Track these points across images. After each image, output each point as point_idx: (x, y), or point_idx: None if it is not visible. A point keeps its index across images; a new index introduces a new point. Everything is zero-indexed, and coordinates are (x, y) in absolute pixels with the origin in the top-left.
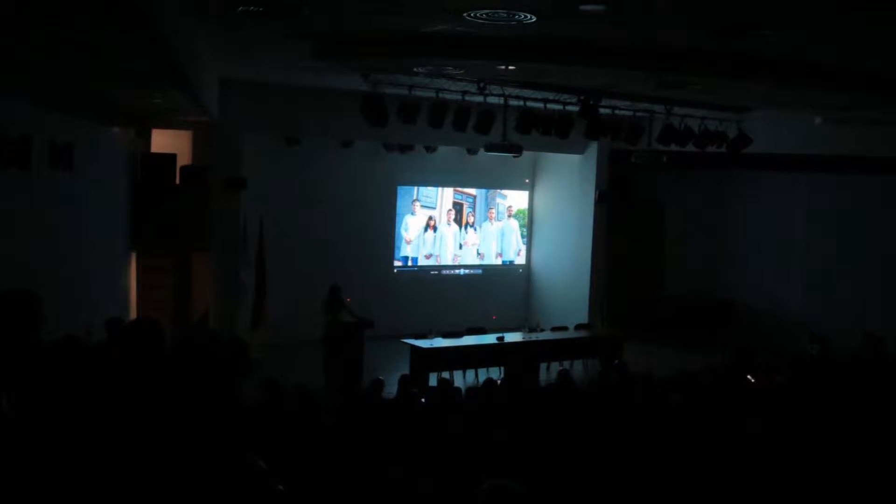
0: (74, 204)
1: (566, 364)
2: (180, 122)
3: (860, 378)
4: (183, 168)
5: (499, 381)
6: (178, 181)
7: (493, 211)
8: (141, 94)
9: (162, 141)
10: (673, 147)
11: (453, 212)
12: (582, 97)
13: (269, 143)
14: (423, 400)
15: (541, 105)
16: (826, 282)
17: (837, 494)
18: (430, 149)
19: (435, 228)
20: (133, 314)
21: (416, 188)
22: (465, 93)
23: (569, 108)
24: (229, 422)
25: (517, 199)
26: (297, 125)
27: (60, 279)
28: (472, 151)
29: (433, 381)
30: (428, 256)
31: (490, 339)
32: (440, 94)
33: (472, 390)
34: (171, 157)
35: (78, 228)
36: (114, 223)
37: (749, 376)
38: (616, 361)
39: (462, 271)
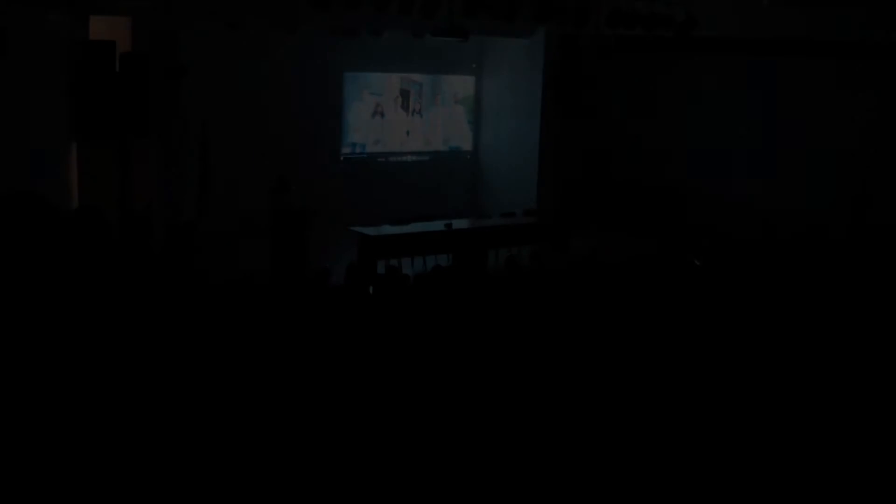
0: (9, 91)
1: (514, 250)
2: (119, 7)
3: (805, 258)
4: (123, 55)
5: (447, 268)
6: (117, 69)
7: (440, 97)
8: None
9: (100, 28)
10: (621, 31)
11: (400, 98)
12: None
13: (210, 28)
14: (370, 288)
15: None
16: (772, 166)
17: (782, 370)
18: (376, 33)
19: (382, 115)
20: (75, 204)
21: (362, 74)
22: None
23: None
24: (175, 311)
25: (463, 84)
26: (238, 9)
27: None
28: (418, 36)
29: (381, 268)
30: (376, 143)
31: (438, 226)
32: None
33: (420, 277)
34: (111, 45)
35: (14, 116)
36: (52, 111)
37: (695, 260)
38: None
39: (409, 158)
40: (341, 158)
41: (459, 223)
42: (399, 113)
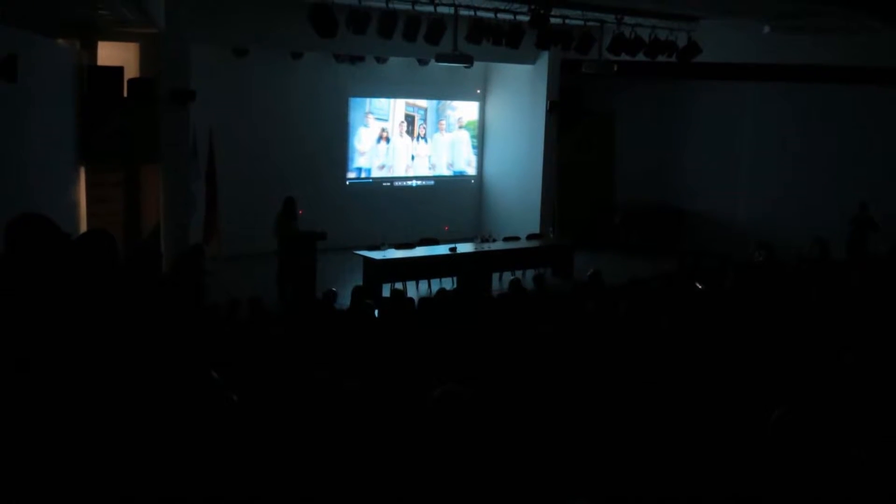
0: (18, 116)
1: (518, 273)
2: (127, 33)
3: (806, 281)
4: (131, 81)
5: (451, 292)
6: (125, 94)
7: (444, 122)
8: (85, 4)
9: (109, 53)
10: (623, 57)
11: (405, 123)
12: (532, 6)
13: (218, 54)
14: (376, 311)
15: (491, 15)
16: (772, 189)
17: (782, 389)
18: (381, 60)
19: (388, 140)
20: (83, 229)
21: (368, 100)
22: (414, 2)
23: (519, 17)
24: (184, 334)
25: (467, 109)
26: (246, 36)
27: (3, 194)
28: (423, 62)
29: (386, 292)
30: (381, 168)
31: (443, 249)
32: (390, 4)
33: (425, 301)
34: (119, 70)
35: (21, 141)
36: (60, 136)
37: (697, 283)
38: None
39: (414, 183)
40: (347, 183)
41: (464, 247)
42: (404, 138)
